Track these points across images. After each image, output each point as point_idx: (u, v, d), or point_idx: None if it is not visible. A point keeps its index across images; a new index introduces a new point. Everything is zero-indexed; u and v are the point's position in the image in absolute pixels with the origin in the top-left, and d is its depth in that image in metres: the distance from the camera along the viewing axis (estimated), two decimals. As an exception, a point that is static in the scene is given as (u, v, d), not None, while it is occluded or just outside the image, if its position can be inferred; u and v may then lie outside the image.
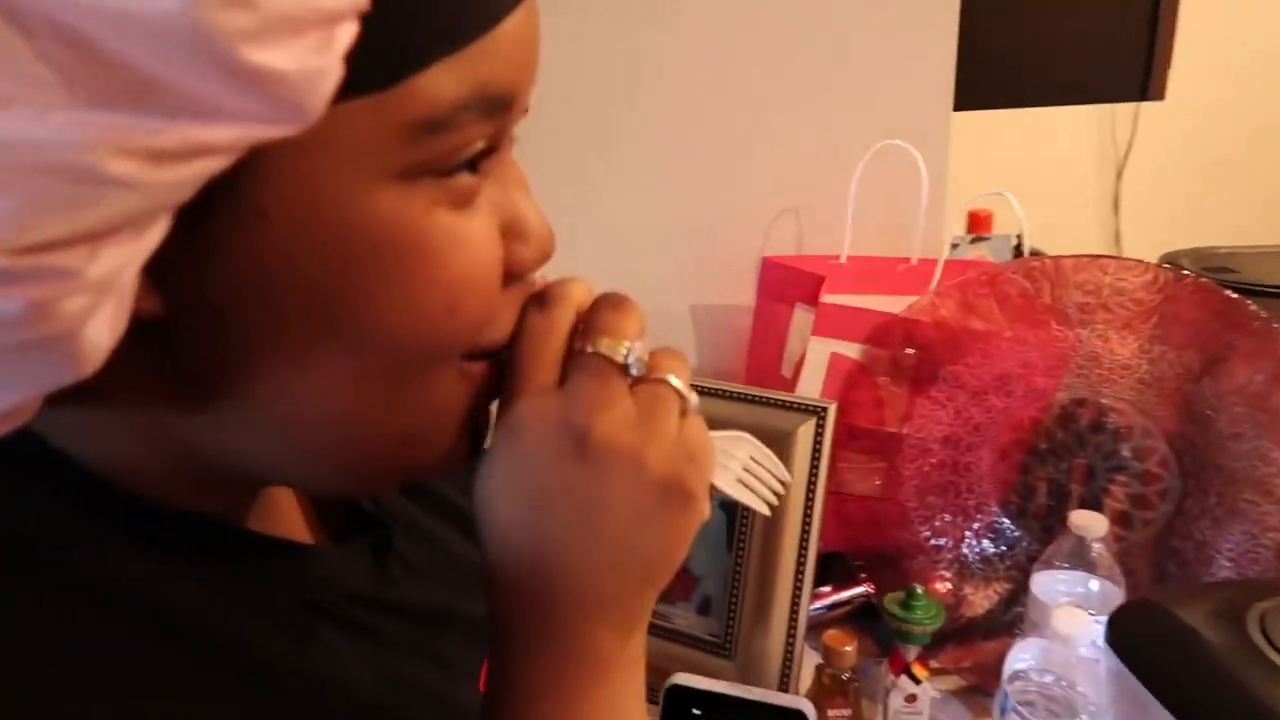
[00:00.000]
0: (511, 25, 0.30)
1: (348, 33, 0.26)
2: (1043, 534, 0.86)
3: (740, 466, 0.42)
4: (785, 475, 0.42)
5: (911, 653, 0.75)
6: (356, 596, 0.39)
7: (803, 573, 0.82)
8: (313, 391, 0.31)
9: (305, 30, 0.25)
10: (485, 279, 0.32)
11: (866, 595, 0.90)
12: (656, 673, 0.86)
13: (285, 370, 0.30)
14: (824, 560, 0.86)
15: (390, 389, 0.32)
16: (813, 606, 0.86)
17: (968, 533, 0.89)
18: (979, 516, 0.89)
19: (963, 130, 1.18)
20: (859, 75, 1.01)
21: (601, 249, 0.96)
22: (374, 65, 0.28)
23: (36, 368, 0.27)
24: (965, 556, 0.89)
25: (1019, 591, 0.85)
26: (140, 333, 0.29)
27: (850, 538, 0.91)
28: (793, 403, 0.85)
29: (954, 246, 1.28)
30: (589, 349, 0.34)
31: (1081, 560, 0.75)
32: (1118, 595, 0.74)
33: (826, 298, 0.91)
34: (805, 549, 0.83)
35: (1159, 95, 1.20)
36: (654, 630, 0.84)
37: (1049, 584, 0.75)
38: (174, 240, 0.27)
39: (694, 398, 0.36)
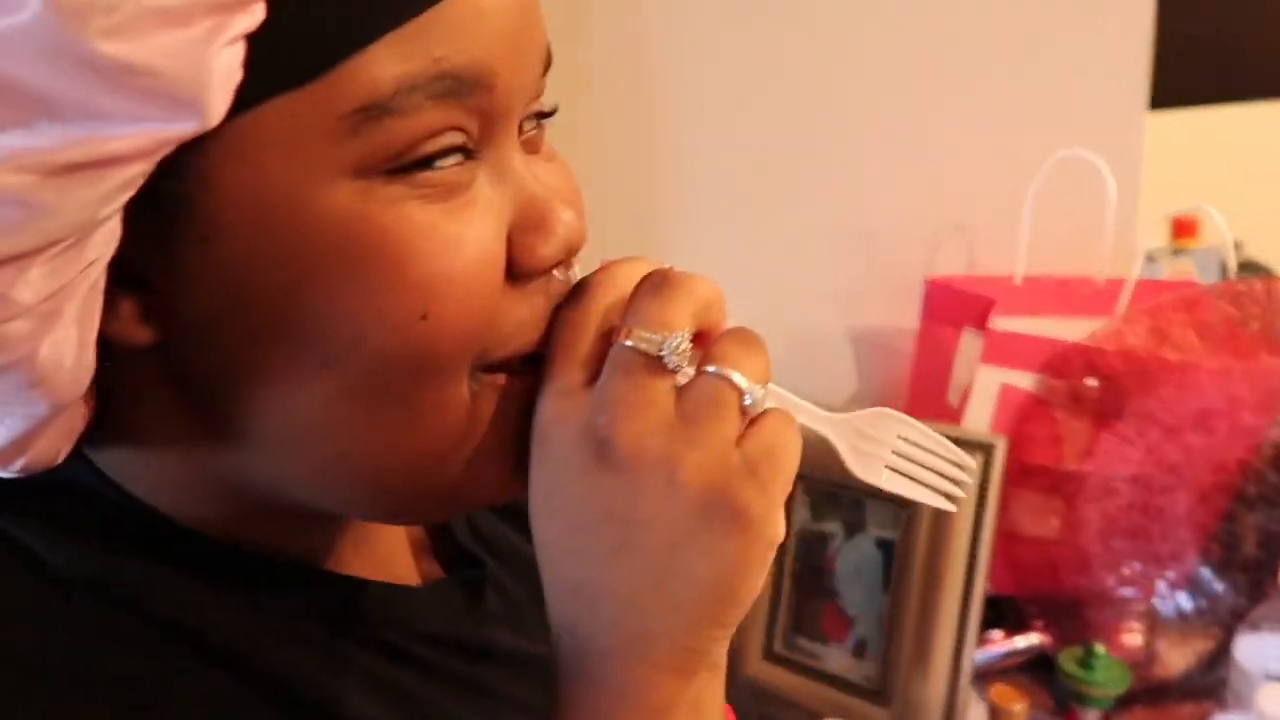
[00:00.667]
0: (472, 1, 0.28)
1: (245, 21, 0.25)
2: (1251, 590, 0.77)
3: (890, 452, 0.33)
4: (958, 454, 0.34)
5: (1091, 716, 0.69)
6: (433, 637, 0.36)
7: (967, 617, 0.77)
8: (310, 412, 0.29)
9: (183, 21, 0.24)
10: (469, 279, 0.29)
11: (1041, 646, 0.83)
12: (808, 717, 0.84)
13: (278, 390, 0.29)
14: (993, 604, 0.81)
15: (389, 406, 0.29)
16: (980, 654, 0.80)
17: (1161, 583, 0.81)
18: (1174, 566, 0.80)
19: (1163, 129, 1.07)
20: (1037, 74, 0.94)
21: (751, 260, 0.93)
22: (298, 52, 0.26)
23: (5, 396, 0.27)
24: (1158, 610, 0.81)
25: (1222, 652, 0.76)
26: (148, 365, 0.29)
27: (1023, 581, 0.85)
28: (958, 437, 0.79)
29: (1150, 261, 1.17)
30: (622, 341, 0.30)
31: (1298, 626, 0.66)
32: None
33: (997, 322, 0.85)
34: (970, 591, 0.78)
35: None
36: (805, 671, 0.81)
37: (1257, 651, 0.67)
38: (154, 268, 0.27)
39: (757, 392, 0.30)
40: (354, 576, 0.36)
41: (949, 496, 0.34)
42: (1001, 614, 0.84)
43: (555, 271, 0.32)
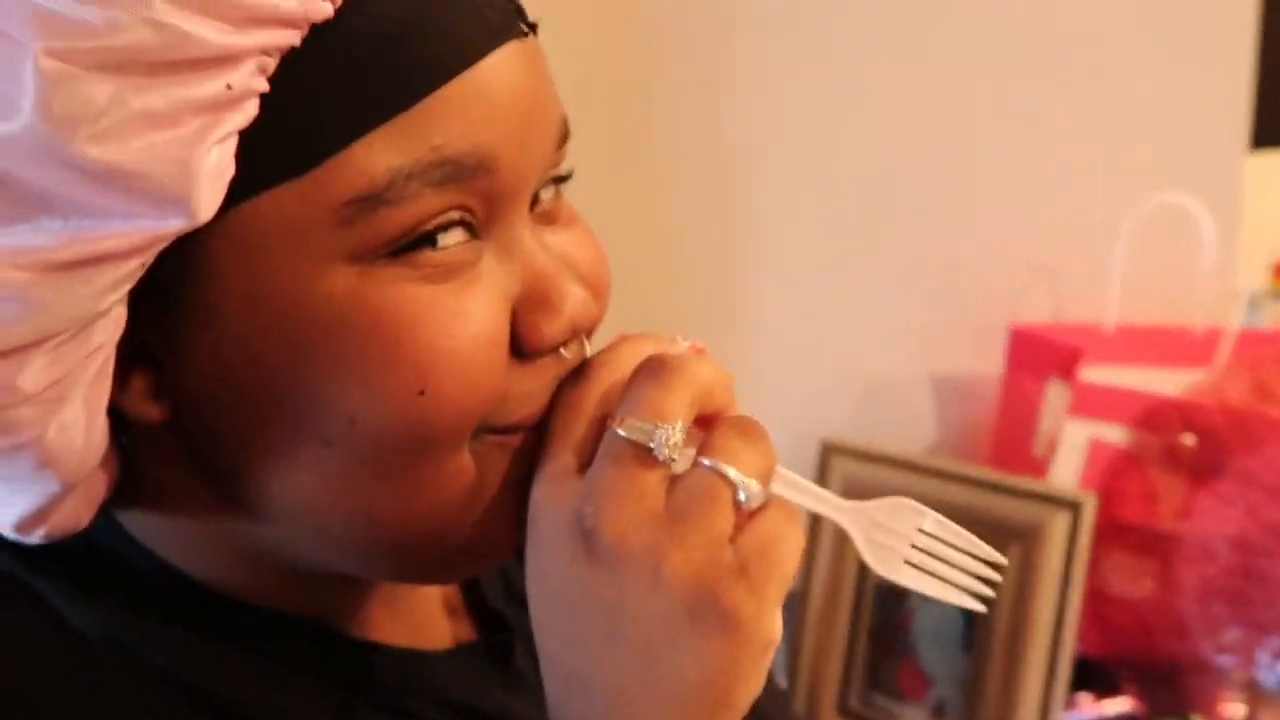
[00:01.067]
0: (476, 79, 0.28)
1: (237, 119, 0.26)
2: (1364, 665, 0.72)
3: (910, 545, 0.32)
4: (985, 551, 0.32)
5: (1188, 793, 0.65)
6: (451, 704, 0.36)
7: (1054, 679, 0.75)
8: (314, 485, 0.30)
9: (168, 123, 0.25)
10: (469, 354, 0.29)
11: (1133, 713, 0.79)
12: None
13: (282, 465, 0.30)
14: (1082, 666, 0.78)
15: (391, 479, 0.29)
16: (1067, 718, 0.77)
17: (1263, 652, 0.77)
18: (1277, 634, 0.76)
19: (1265, 169, 1.03)
20: (1129, 115, 0.91)
21: (827, 301, 0.92)
22: (292, 146, 0.27)
23: (20, 473, 0.28)
24: (1259, 680, 0.76)
25: (1331, 730, 0.72)
26: (163, 437, 0.29)
27: (1115, 643, 0.81)
28: (1045, 494, 0.77)
29: (1252, 308, 1.11)
30: (615, 429, 0.30)
31: None
32: None
33: (1086, 372, 0.82)
34: (1057, 657, 0.75)
35: None
36: (882, 730, 0.79)
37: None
38: (162, 346, 0.28)
39: (753, 488, 0.29)
40: (374, 641, 0.36)
41: (978, 596, 0.32)
42: (1091, 677, 0.81)
43: (563, 349, 0.31)
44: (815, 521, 0.79)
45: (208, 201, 0.26)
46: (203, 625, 0.33)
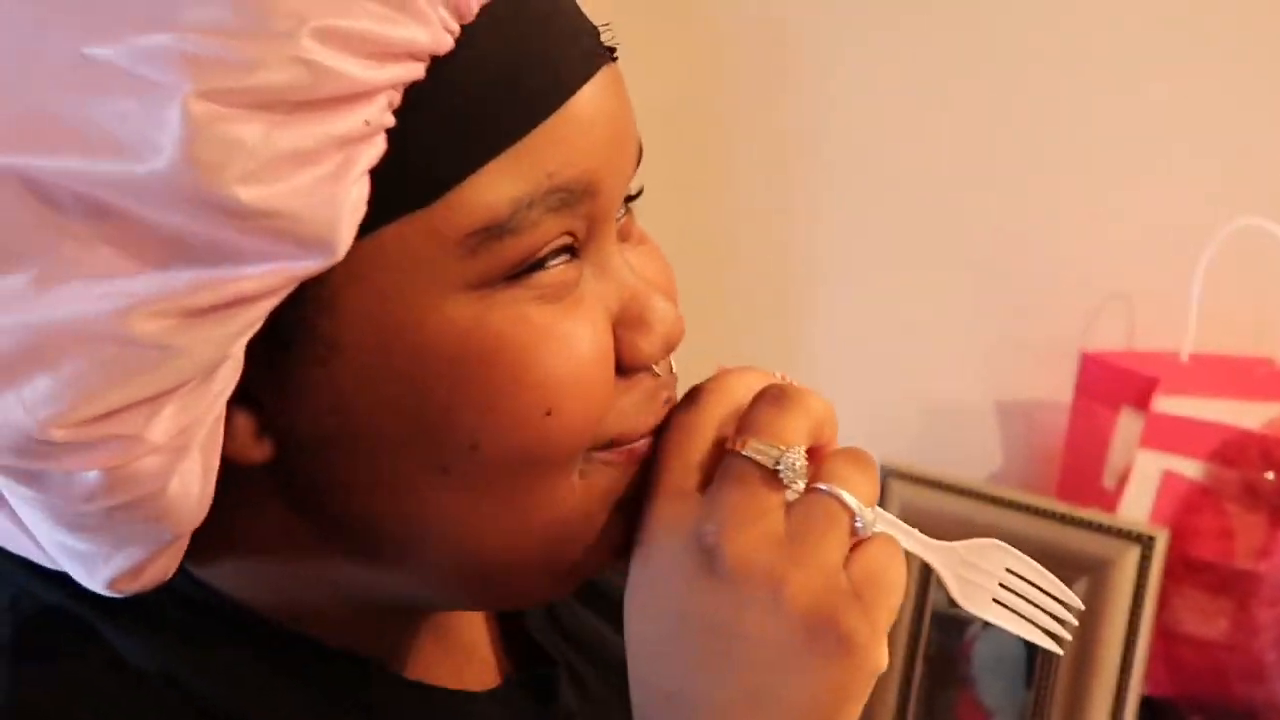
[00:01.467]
0: (578, 106, 0.29)
1: (370, 154, 0.26)
2: None
3: (997, 584, 0.34)
4: (1067, 595, 0.34)
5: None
6: None
7: (1120, 719, 0.73)
8: (425, 515, 0.30)
9: (313, 161, 0.25)
10: (588, 373, 0.30)
11: (1203, 758, 0.77)
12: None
13: (398, 498, 0.30)
14: (1151, 706, 0.76)
15: (507, 502, 0.30)
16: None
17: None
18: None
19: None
20: (1210, 134, 0.89)
21: (893, 325, 0.91)
22: (411, 181, 0.27)
23: (134, 529, 0.28)
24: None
25: None
26: (263, 479, 0.29)
27: (1186, 685, 0.79)
28: (1114, 527, 0.75)
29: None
30: (738, 450, 0.30)
31: None
32: None
33: (1160, 403, 0.80)
34: (1123, 695, 0.73)
35: None
36: (938, 766, 0.78)
37: None
38: (267, 386, 0.28)
39: (868, 515, 0.30)
40: (425, 682, 0.36)
41: (1055, 637, 0.34)
42: (1161, 718, 0.78)
43: (655, 365, 0.32)
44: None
45: (348, 239, 0.26)
46: (263, 663, 0.33)
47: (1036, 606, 0.34)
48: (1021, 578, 0.34)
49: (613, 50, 0.31)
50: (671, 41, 0.85)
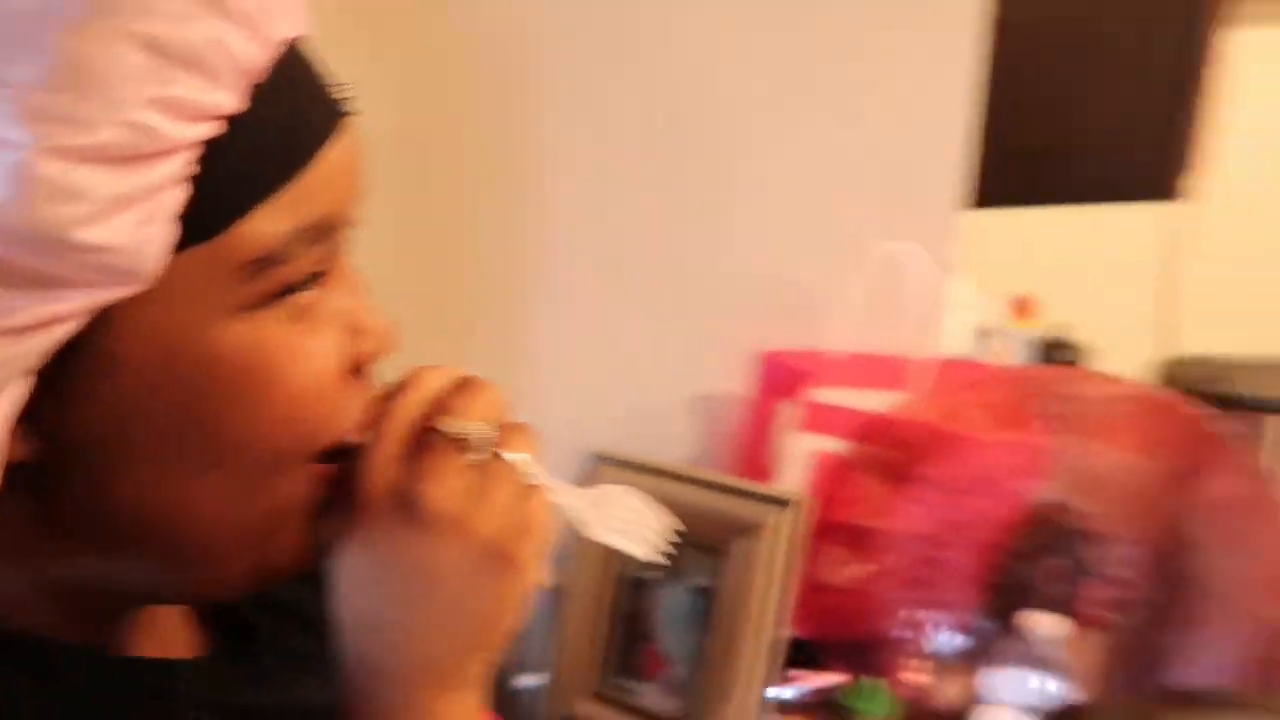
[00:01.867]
0: (331, 154, 0.34)
1: (176, 197, 0.31)
2: (1010, 632, 0.87)
3: (616, 515, 0.43)
4: (666, 521, 0.43)
5: (866, 744, 0.78)
6: (213, 704, 0.41)
7: (770, 656, 0.85)
8: (181, 508, 0.34)
9: (135, 204, 0.29)
10: (323, 385, 0.35)
11: (839, 685, 0.92)
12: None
13: (157, 493, 0.34)
14: (798, 646, 0.89)
15: (246, 493, 0.35)
16: (781, 691, 0.89)
17: (941, 627, 0.91)
18: (953, 612, 0.91)
19: (1007, 219, 1.20)
20: (863, 169, 1.04)
21: (601, 334, 1.00)
22: (202, 218, 0.31)
23: None
24: (937, 650, 0.90)
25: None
26: (14, 478, 0.32)
27: (825, 626, 0.94)
28: (768, 495, 0.89)
29: (982, 337, 1.30)
30: (435, 426, 0.37)
31: (1033, 660, 0.76)
32: (1070, 697, 0.75)
33: (813, 394, 0.96)
34: (773, 635, 0.86)
35: (1179, 195, 1.20)
36: (623, 707, 0.89)
37: (996, 683, 0.77)
38: (40, 392, 0.31)
39: (538, 472, 0.39)
40: (130, 655, 0.40)
41: (656, 550, 0.43)
42: (806, 655, 0.93)
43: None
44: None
45: (156, 269, 0.30)
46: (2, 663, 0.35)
47: (644, 529, 0.42)
48: (633, 510, 0.43)
49: (349, 108, 0.36)
50: (397, 60, 0.92)
